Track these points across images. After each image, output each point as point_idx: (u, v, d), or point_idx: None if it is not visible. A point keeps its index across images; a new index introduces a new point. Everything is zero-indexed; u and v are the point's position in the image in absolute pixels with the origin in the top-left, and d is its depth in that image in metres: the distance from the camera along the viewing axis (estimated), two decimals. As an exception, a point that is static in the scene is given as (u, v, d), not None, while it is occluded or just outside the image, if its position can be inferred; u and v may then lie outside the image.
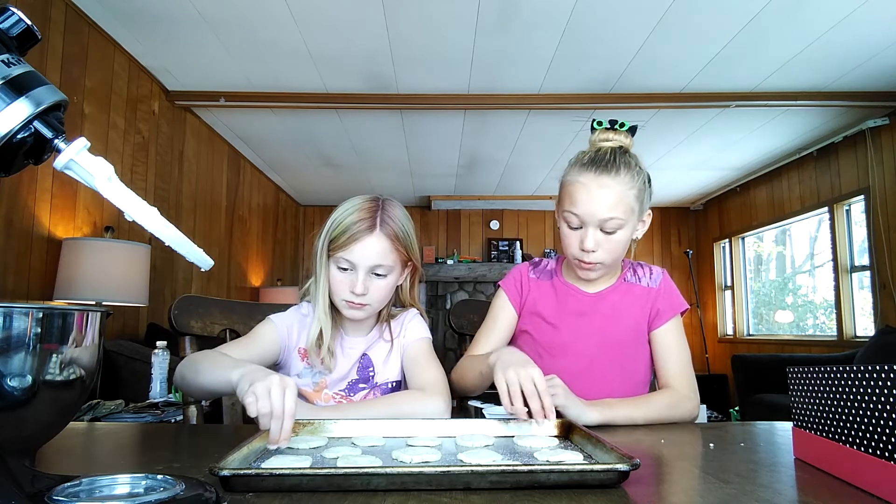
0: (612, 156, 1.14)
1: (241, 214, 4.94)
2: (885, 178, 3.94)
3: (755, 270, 6.03)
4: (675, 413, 1.12)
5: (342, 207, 1.15)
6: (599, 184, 1.12)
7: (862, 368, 0.63)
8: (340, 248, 1.11)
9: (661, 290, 1.24)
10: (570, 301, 1.26)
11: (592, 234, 1.13)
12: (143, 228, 0.60)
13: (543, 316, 1.27)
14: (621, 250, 1.17)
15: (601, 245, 1.14)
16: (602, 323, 1.23)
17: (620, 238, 1.14)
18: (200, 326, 1.28)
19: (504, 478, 0.61)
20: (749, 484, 0.65)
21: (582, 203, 1.12)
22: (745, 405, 4.16)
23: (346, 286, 1.12)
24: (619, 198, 1.11)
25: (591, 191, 1.12)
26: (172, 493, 0.52)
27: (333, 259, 1.13)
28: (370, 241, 1.11)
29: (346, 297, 1.13)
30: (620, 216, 1.12)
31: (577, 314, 1.24)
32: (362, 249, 1.10)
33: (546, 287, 1.30)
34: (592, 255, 1.14)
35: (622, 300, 1.24)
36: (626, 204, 1.12)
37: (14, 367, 0.53)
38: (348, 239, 1.10)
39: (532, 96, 3.69)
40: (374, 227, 1.11)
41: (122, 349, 2.61)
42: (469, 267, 6.39)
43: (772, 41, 3.00)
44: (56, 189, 2.62)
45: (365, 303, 1.13)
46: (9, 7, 0.57)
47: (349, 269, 1.12)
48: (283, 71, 3.36)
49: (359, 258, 1.11)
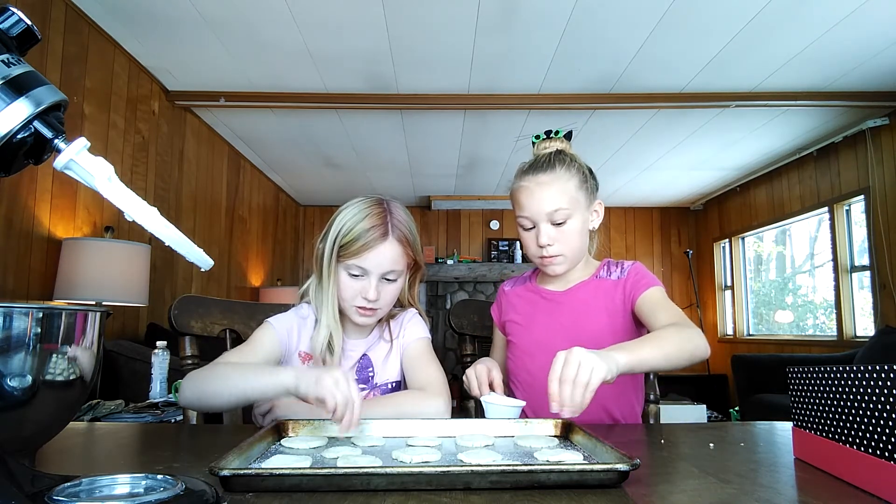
0: (548, 158, 1.24)
1: (241, 214, 4.94)
2: (885, 178, 3.94)
3: (755, 270, 6.03)
4: (692, 338, 1.06)
5: (348, 213, 1.13)
6: (537, 182, 1.21)
7: (862, 368, 0.63)
8: (353, 256, 1.10)
9: (628, 276, 1.24)
10: (541, 301, 1.31)
11: (545, 230, 1.21)
12: (143, 228, 0.60)
13: (517, 320, 1.33)
14: (577, 240, 1.23)
15: (556, 239, 1.21)
16: (574, 318, 1.26)
17: (572, 228, 1.21)
18: (200, 326, 1.28)
19: (504, 478, 0.61)
20: (749, 484, 0.65)
21: (527, 204, 1.22)
22: (745, 405, 4.16)
23: (356, 292, 1.12)
24: (560, 190, 1.20)
25: (532, 191, 1.21)
26: (172, 493, 0.52)
27: (344, 266, 1.12)
28: (383, 248, 1.11)
29: (358, 304, 1.13)
30: (565, 206, 1.19)
31: (547, 313, 1.28)
32: (375, 257, 1.10)
33: (520, 293, 1.37)
34: (550, 248, 1.21)
35: (593, 295, 1.26)
36: (568, 195, 1.20)
37: (14, 367, 0.53)
38: (361, 247, 1.09)
39: (532, 96, 3.69)
40: (386, 234, 1.11)
41: (122, 349, 2.61)
42: (469, 267, 6.39)
43: (772, 41, 3.00)
44: (56, 189, 2.62)
45: (376, 308, 1.14)
46: (9, 7, 0.57)
47: (360, 276, 1.12)
48: (283, 71, 3.36)
49: (372, 265, 1.11)
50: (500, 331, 1.39)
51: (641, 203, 6.69)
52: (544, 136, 1.30)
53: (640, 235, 6.89)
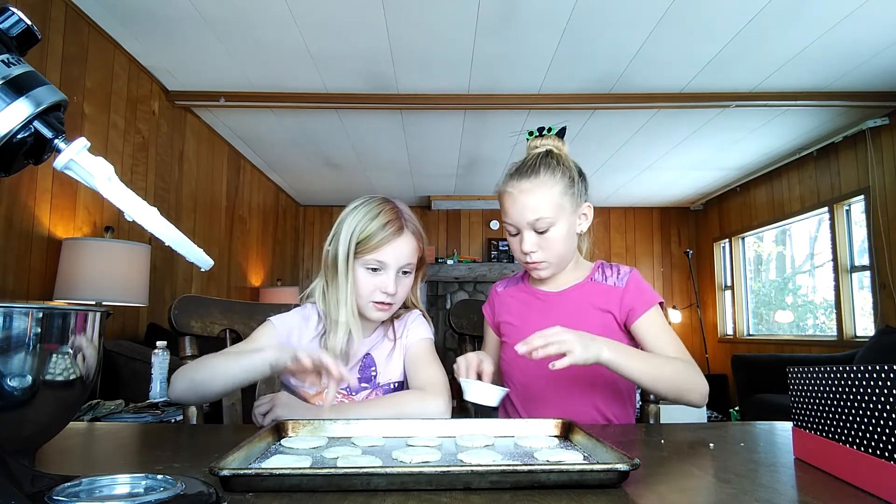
0: (534, 161, 1.21)
1: (241, 214, 4.94)
2: (885, 178, 3.94)
3: (755, 270, 6.03)
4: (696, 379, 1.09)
5: (359, 212, 1.16)
6: (520, 189, 1.19)
7: (862, 368, 0.63)
8: (371, 251, 1.14)
9: (628, 288, 1.23)
10: (534, 302, 1.30)
11: (528, 237, 1.19)
12: (143, 228, 0.60)
13: (510, 321, 1.32)
14: (561, 246, 1.21)
15: (539, 245, 1.20)
16: (566, 320, 1.24)
17: (556, 235, 1.19)
18: (200, 326, 1.28)
19: (504, 478, 0.61)
20: (749, 484, 0.65)
21: (510, 211, 1.20)
22: (745, 405, 4.15)
23: (374, 287, 1.15)
24: (543, 198, 1.17)
25: (515, 198, 1.19)
26: (172, 493, 0.52)
27: (362, 262, 1.15)
28: (401, 242, 1.15)
29: (376, 299, 1.16)
30: (547, 215, 1.17)
31: (540, 313, 1.28)
32: (395, 251, 1.15)
33: (512, 293, 1.36)
34: (533, 255, 1.20)
35: (586, 298, 1.25)
36: (552, 202, 1.17)
37: (14, 367, 0.53)
38: (380, 241, 1.13)
39: (532, 96, 3.69)
40: (402, 228, 1.16)
41: (122, 349, 2.61)
42: (469, 267, 6.39)
43: (772, 41, 3.00)
44: (56, 189, 2.62)
45: (392, 302, 1.17)
46: (9, 7, 0.57)
47: (379, 270, 1.15)
48: (283, 71, 3.36)
49: (392, 259, 1.15)
50: (494, 331, 1.38)
51: (641, 203, 6.69)
52: (537, 134, 1.29)
53: (639, 235, 6.89)
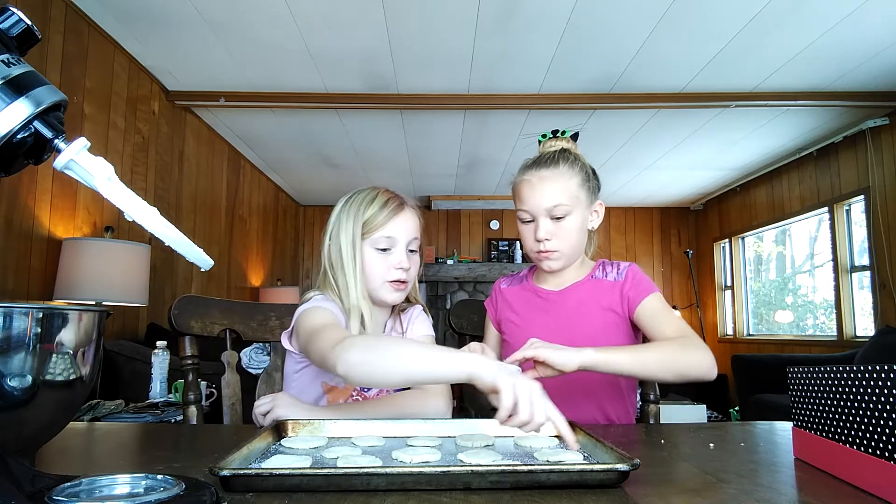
0: (552, 154, 1.25)
1: (241, 214, 4.93)
2: (885, 178, 3.93)
3: (755, 270, 6.03)
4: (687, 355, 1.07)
5: (357, 199, 1.17)
6: (540, 177, 1.21)
7: (862, 368, 0.63)
8: (379, 228, 1.14)
9: (626, 280, 1.25)
10: (537, 300, 1.31)
11: (543, 224, 1.21)
12: (143, 228, 0.60)
13: (512, 319, 1.33)
14: (575, 237, 1.23)
15: (554, 234, 1.21)
16: (569, 318, 1.26)
17: (571, 225, 1.22)
18: (200, 326, 1.28)
19: (504, 478, 0.61)
20: (749, 484, 0.65)
21: (528, 198, 1.22)
22: (745, 405, 4.15)
23: (388, 266, 1.15)
24: (562, 186, 1.20)
25: (534, 185, 1.22)
26: (172, 493, 0.52)
27: (370, 241, 1.15)
28: (406, 216, 1.17)
29: (391, 277, 1.15)
30: (565, 202, 1.20)
31: (543, 311, 1.29)
32: (402, 222, 1.16)
33: (515, 292, 1.36)
34: (547, 243, 1.21)
35: (589, 295, 1.26)
36: (570, 191, 1.21)
37: (14, 367, 0.53)
38: (386, 216, 1.14)
39: (532, 96, 3.69)
40: (403, 203, 1.18)
41: (122, 349, 2.61)
42: (469, 267, 6.39)
43: (772, 41, 3.00)
44: (56, 189, 2.62)
45: (406, 280, 1.16)
46: (9, 7, 0.57)
47: (388, 249, 1.15)
48: (283, 71, 3.36)
49: (399, 232, 1.15)
50: (496, 327, 1.39)
51: (641, 203, 6.69)
52: (551, 136, 1.31)
53: (640, 235, 6.89)
